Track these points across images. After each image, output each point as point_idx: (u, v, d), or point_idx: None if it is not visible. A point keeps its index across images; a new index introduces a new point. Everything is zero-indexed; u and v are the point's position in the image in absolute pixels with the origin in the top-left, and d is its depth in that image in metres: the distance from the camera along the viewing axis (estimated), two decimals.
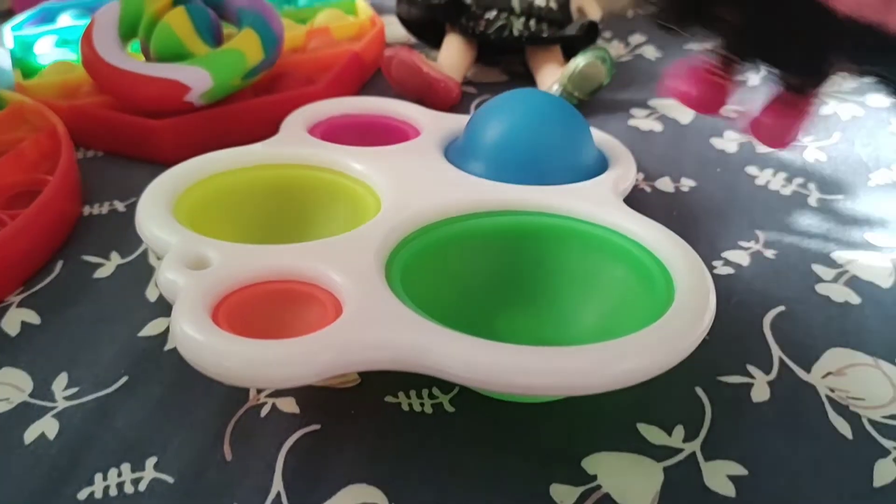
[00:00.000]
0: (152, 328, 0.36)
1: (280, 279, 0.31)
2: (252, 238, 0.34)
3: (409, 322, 0.29)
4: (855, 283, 0.38)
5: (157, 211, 0.35)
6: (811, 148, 0.48)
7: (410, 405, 0.32)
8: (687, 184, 0.43)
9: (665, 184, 0.44)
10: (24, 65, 0.52)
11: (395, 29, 0.57)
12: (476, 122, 0.40)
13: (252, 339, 0.28)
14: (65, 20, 0.58)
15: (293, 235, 0.36)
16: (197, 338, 0.28)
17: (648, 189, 0.44)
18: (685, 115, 0.51)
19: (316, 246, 0.33)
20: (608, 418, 0.31)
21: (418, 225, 0.34)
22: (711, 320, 0.29)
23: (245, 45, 0.47)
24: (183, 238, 0.33)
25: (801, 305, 0.37)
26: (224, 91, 0.46)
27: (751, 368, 0.33)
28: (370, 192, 0.37)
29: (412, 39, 0.57)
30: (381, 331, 0.28)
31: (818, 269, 0.39)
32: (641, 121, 0.51)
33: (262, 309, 0.31)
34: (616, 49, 0.62)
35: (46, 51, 0.54)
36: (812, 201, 0.43)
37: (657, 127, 0.50)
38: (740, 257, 0.39)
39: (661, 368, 0.28)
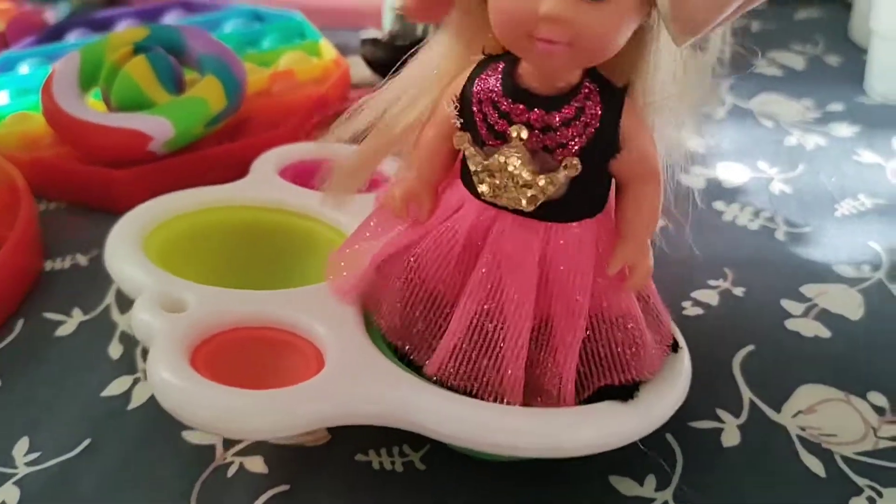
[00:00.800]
0: (115, 387, 0.35)
1: (261, 326, 0.31)
2: (223, 280, 0.34)
3: (391, 377, 0.28)
4: (824, 316, 0.38)
5: (127, 249, 0.34)
6: (777, 180, 0.48)
7: (381, 463, 0.31)
8: None
9: None
10: None
11: (359, 69, 0.57)
12: None
13: (233, 387, 0.27)
14: (25, 69, 0.57)
15: (265, 280, 0.36)
16: (176, 385, 0.28)
17: None
18: None
19: (297, 293, 0.32)
20: (579, 472, 0.31)
21: None
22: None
23: (207, 93, 0.47)
24: (157, 279, 0.32)
25: (770, 343, 0.37)
26: (187, 139, 0.46)
27: (720, 412, 0.33)
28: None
29: (377, 80, 0.57)
30: (363, 385, 0.28)
31: (787, 304, 0.39)
32: None
33: (241, 355, 0.30)
34: None
35: (6, 101, 0.53)
36: (779, 235, 0.44)
37: None
38: (709, 297, 0.39)
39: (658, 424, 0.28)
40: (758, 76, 0.59)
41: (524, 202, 0.26)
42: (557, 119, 0.25)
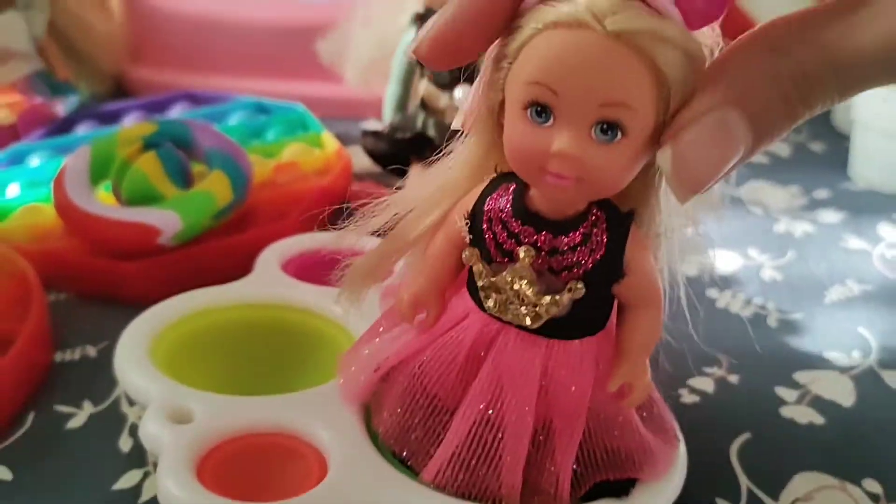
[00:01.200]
0: (126, 481, 0.36)
1: (265, 433, 0.32)
2: (231, 379, 0.35)
3: (395, 484, 0.29)
4: (818, 403, 0.39)
5: (135, 357, 0.35)
6: (767, 267, 0.49)
7: None
8: None
9: None
10: None
11: (360, 159, 0.59)
12: None
13: (239, 499, 0.28)
14: (35, 161, 0.59)
15: (273, 377, 0.37)
16: (185, 500, 0.28)
17: None
18: None
19: (300, 398, 0.33)
20: None
21: None
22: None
23: (215, 187, 0.48)
24: (164, 389, 0.33)
25: (766, 431, 0.37)
26: (194, 232, 0.47)
27: (720, 501, 0.34)
28: (348, 338, 0.37)
29: (379, 171, 0.59)
30: (366, 494, 0.29)
31: (781, 391, 0.40)
32: None
33: (247, 463, 0.31)
34: None
35: (16, 193, 0.55)
36: (771, 321, 0.45)
37: None
38: (705, 384, 0.40)
39: None
40: (746, 164, 0.61)
41: (528, 320, 0.27)
42: (565, 243, 0.26)
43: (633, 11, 0.23)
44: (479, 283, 0.28)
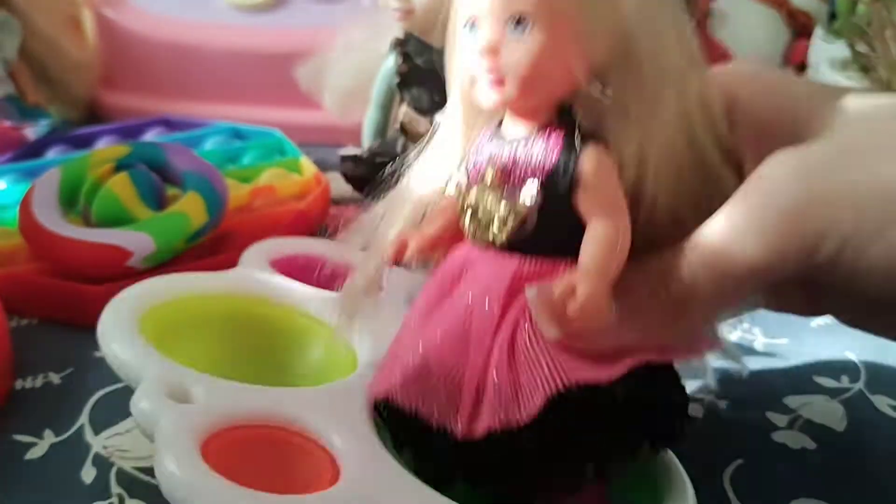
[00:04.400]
0: None
1: (273, 425, 0.30)
2: (215, 368, 0.33)
3: (410, 490, 0.28)
4: (809, 428, 0.38)
5: (123, 331, 0.33)
6: None
7: None
8: None
9: None
10: None
11: (339, 185, 0.58)
12: None
13: (249, 487, 0.26)
14: (2, 185, 0.57)
15: (263, 372, 0.35)
16: (189, 480, 0.26)
17: None
18: None
19: (309, 394, 0.32)
20: None
21: None
22: None
23: (189, 208, 0.47)
24: (161, 366, 0.31)
25: (759, 456, 0.36)
26: (167, 254, 0.46)
27: None
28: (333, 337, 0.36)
29: (357, 196, 0.58)
30: (383, 501, 0.27)
31: (772, 416, 0.39)
32: None
33: (252, 454, 0.29)
34: None
35: None
36: (758, 346, 0.44)
37: None
38: (694, 409, 0.39)
39: None
40: None
41: (497, 231, 0.28)
42: (523, 155, 0.27)
43: None
44: (460, 206, 0.29)
